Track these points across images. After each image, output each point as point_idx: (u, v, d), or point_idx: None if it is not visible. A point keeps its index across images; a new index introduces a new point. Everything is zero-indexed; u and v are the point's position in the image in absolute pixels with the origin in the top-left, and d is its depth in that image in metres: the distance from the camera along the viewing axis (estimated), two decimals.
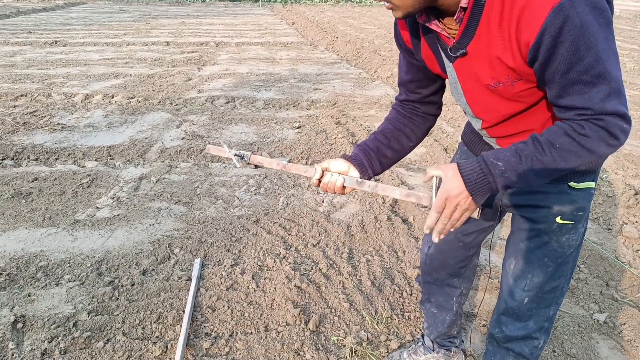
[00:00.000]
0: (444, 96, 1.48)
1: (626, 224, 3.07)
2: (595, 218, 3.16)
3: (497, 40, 1.04)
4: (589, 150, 1.02)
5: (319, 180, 1.34)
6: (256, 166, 1.51)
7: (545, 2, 0.93)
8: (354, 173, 1.37)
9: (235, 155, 1.47)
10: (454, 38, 1.12)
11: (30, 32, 10.80)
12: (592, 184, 1.26)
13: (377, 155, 1.42)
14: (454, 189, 1.08)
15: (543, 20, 0.93)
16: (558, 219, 1.27)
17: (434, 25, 1.12)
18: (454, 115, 5.09)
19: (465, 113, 1.36)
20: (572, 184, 1.24)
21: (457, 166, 1.09)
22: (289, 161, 1.47)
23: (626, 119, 1.00)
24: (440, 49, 1.20)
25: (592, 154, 1.03)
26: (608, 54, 0.96)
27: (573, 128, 1.02)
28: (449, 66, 1.22)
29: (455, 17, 1.07)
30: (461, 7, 1.04)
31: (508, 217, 1.62)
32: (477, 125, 1.34)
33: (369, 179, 1.39)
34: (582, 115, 1.01)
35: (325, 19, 13.87)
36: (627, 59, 8.70)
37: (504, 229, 2.97)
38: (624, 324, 2.21)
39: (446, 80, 1.35)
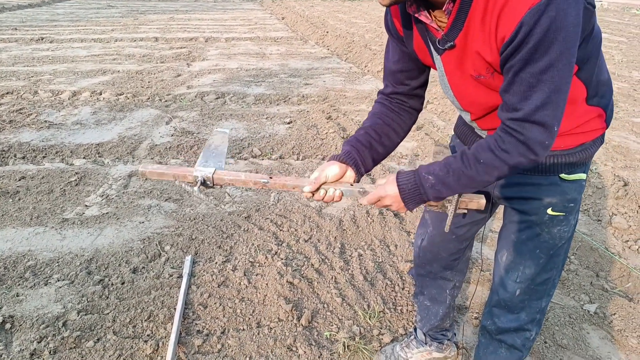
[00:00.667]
0: (434, 90, 1.47)
1: (615, 215, 3.09)
2: (585, 209, 3.18)
3: (478, 35, 1.05)
4: (509, 166, 1.10)
5: (313, 193, 1.29)
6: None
7: (525, 0, 0.94)
8: (350, 174, 1.34)
9: (196, 179, 1.25)
10: (442, 30, 1.12)
11: (16, 29, 10.62)
12: (583, 176, 1.27)
13: (370, 153, 1.39)
14: (390, 192, 1.22)
15: (520, 17, 0.95)
16: (549, 211, 1.27)
17: (423, 17, 1.11)
18: (444, 109, 5.09)
19: (455, 106, 1.36)
20: (563, 175, 1.24)
21: (395, 175, 1.22)
22: (270, 177, 1.30)
23: (550, 132, 1.04)
24: (429, 41, 1.20)
25: (512, 168, 1.11)
26: (562, 65, 0.98)
27: (497, 143, 1.09)
28: (437, 58, 1.21)
29: (443, 9, 1.06)
30: (450, 0, 1.04)
31: (500, 210, 1.62)
32: (467, 117, 1.34)
33: (361, 176, 1.37)
34: (512, 120, 1.05)
35: (315, 14, 13.81)
36: (615, 52, 8.77)
37: (495, 222, 2.98)
38: (614, 314, 2.23)
39: (434, 72, 1.34)
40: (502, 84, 1.09)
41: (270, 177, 1.29)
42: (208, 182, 1.27)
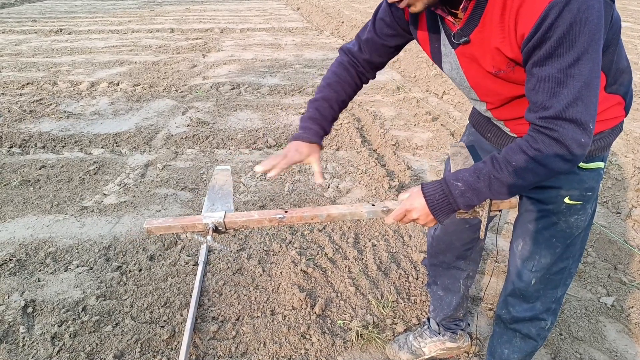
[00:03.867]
0: (451, 80, 1.47)
1: (635, 207, 3.03)
2: (604, 202, 3.13)
3: (497, 31, 1.04)
4: (543, 167, 1.02)
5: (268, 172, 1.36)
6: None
7: None
8: (315, 150, 1.40)
9: (207, 228, 1.17)
10: (458, 25, 1.12)
11: (35, 21, 10.79)
12: (601, 164, 1.25)
13: (330, 124, 1.46)
14: (417, 204, 1.15)
15: (540, 14, 0.93)
16: (567, 200, 1.25)
17: (440, 10, 1.12)
18: (461, 100, 5.03)
19: (468, 98, 1.35)
20: (581, 164, 1.23)
21: (420, 187, 1.16)
22: (286, 211, 1.23)
23: (585, 129, 0.98)
24: (443, 34, 1.20)
25: (548, 170, 1.03)
26: (589, 58, 0.95)
27: (528, 143, 1.03)
28: (451, 52, 1.21)
29: (461, 7, 1.07)
30: None
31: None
32: (482, 107, 1.33)
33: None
34: (543, 119, 1.00)
35: (331, 4, 13.71)
36: (638, 41, 8.53)
37: (511, 213, 2.95)
38: (632, 307, 2.19)
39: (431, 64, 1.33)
40: (522, 76, 1.08)
41: (286, 212, 1.22)
42: (220, 228, 1.19)
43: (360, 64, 1.45)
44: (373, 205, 1.24)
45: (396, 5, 1.07)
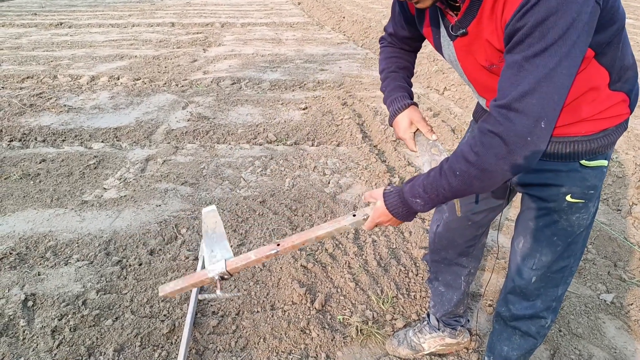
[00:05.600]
0: (451, 77, 1.47)
1: (636, 204, 3.03)
2: (605, 199, 3.12)
3: (489, 23, 1.03)
4: (486, 172, 1.00)
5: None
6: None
7: None
8: (415, 116, 1.46)
9: (216, 276, 1.25)
10: (456, 16, 1.12)
11: (36, 14, 10.74)
12: (604, 162, 1.23)
13: (405, 81, 1.53)
14: (384, 216, 1.24)
15: (520, 1, 0.92)
16: (568, 198, 1.24)
17: (439, 3, 1.12)
18: (462, 96, 5.02)
19: (472, 91, 1.35)
20: (583, 162, 1.22)
21: (383, 199, 1.23)
22: (278, 244, 1.30)
23: (535, 125, 0.93)
24: (443, 26, 1.20)
25: (492, 173, 1.00)
26: (559, 52, 0.90)
27: (470, 148, 1.02)
28: (449, 44, 1.21)
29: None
30: None
31: (517, 198, 1.60)
32: (482, 103, 1.34)
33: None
34: (495, 108, 0.97)
35: None
36: None
37: (512, 210, 2.95)
38: (632, 304, 2.20)
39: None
40: None
41: (278, 245, 1.29)
42: (225, 276, 1.28)
43: (396, 42, 1.54)
44: (354, 215, 1.31)
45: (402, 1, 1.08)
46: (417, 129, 1.46)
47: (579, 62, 0.93)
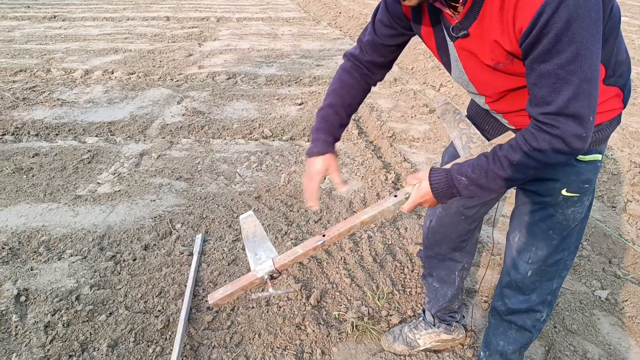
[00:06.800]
0: (448, 73, 1.46)
1: (630, 201, 3.05)
2: (600, 195, 3.13)
3: (496, 24, 1.04)
4: (545, 164, 1.06)
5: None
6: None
7: None
8: (332, 158, 1.42)
9: (267, 275, 1.24)
10: (457, 17, 1.11)
11: (29, 7, 10.64)
12: (598, 157, 1.24)
13: (339, 129, 1.47)
14: (424, 196, 1.23)
15: (537, 8, 0.93)
16: (564, 192, 1.25)
17: (439, 3, 1.11)
18: (458, 92, 5.02)
19: (467, 91, 1.34)
20: (578, 156, 1.22)
21: (428, 176, 1.22)
22: (323, 234, 1.28)
23: (586, 124, 1.00)
24: (443, 27, 1.19)
25: (548, 165, 1.07)
26: (589, 53, 0.95)
27: (528, 142, 1.05)
28: (450, 45, 1.21)
29: (460, 1, 1.06)
30: None
31: (511, 193, 1.60)
32: (480, 101, 1.33)
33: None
34: (544, 115, 1.02)
35: None
36: (636, 36, 8.53)
37: (507, 207, 2.95)
38: (626, 300, 2.21)
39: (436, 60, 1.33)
40: (521, 69, 1.07)
41: (324, 235, 1.27)
42: (275, 274, 1.27)
43: (365, 66, 1.45)
44: (395, 196, 1.28)
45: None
46: (445, 120, 1.45)
47: (600, 53, 0.99)
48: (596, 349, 1.94)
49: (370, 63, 1.44)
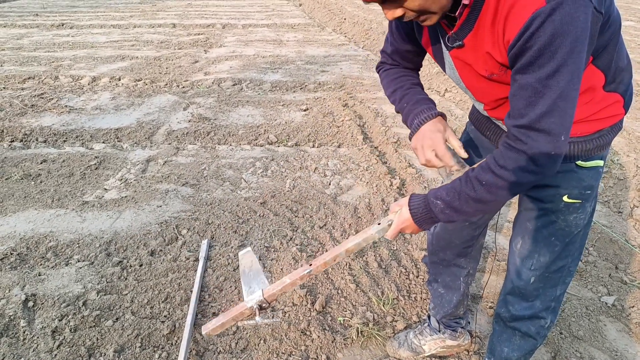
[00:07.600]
0: (451, 80, 1.47)
1: (637, 207, 3.03)
2: (606, 201, 3.12)
3: (489, 36, 1.06)
4: (514, 184, 1.06)
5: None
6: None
7: (529, 5, 0.94)
8: (442, 122, 1.35)
9: (257, 305, 1.30)
10: (452, 28, 1.13)
11: (37, 15, 10.77)
12: (600, 163, 1.25)
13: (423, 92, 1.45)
14: (405, 222, 1.25)
15: (524, 22, 0.94)
16: (565, 198, 1.25)
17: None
18: (463, 97, 5.02)
19: (468, 95, 1.36)
20: (579, 162, 1.23)
21: (407, 203, 1.24)
22: (310, 264, 1.33)
23: (557, 141, 1.00)
24: (439, 36, 1.22)
25: (517, 185, 1.06)
26: (569, 70, 0.95)
27: (496, 162, 1.06)
28: (446, 54, 1.23)
29: (457, 13, 1.08)
30: (463, 4, 1.06)
31: (515, 198, 1.60)
32: (479, 107, 1.35)
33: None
34: (516, 128, 1.02)
35: (333, 0, 13.66)
36: None
37: (511, 212, 2.95)
38: (633, 306, 2.19)
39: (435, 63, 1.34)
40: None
41: (310, 264, 1.31)
42: (264, 305, 1.32)
43: (400, 64, 1.47)
44: (379, 224, 1.31)
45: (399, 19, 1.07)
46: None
47: (583, 72, 0.98)
48: (602, 356, 1.93)
49: (402, 63, 1.47)
